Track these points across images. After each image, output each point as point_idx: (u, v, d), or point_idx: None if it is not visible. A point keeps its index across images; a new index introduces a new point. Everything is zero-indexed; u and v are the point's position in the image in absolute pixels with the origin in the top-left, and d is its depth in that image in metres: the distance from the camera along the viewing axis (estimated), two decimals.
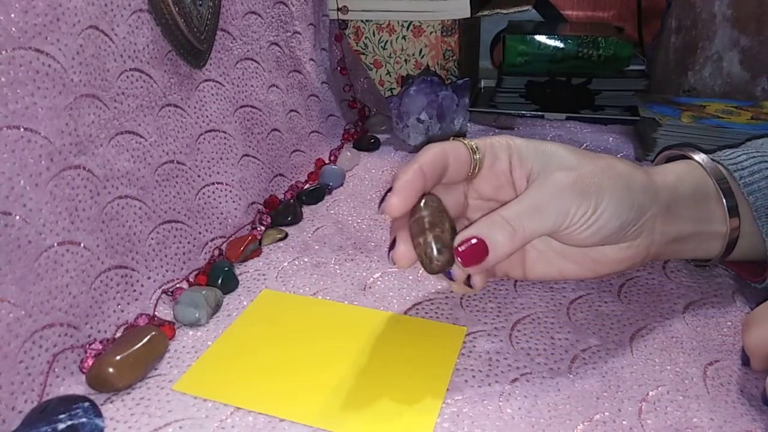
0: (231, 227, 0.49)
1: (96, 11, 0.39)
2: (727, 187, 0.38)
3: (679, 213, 0.37)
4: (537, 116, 0.76)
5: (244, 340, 0.38)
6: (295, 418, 0.32)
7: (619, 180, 0.34)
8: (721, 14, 0.70)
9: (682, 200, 0.37)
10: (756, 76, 0.70)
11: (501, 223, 0.33)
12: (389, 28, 0.75)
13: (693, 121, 0.61)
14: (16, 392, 0.31)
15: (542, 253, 0.37)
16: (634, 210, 0.34)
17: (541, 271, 0.38)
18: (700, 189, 0.38)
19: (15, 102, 0.33)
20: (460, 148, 0.35)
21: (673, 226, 0.37)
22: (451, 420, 0.32)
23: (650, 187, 0.36)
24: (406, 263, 0.33)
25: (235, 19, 0.54)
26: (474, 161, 0.35)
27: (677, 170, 0.39)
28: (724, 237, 0.38)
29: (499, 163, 0.36)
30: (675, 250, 0.38)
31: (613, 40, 0.77)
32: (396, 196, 0.33)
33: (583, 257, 0.36)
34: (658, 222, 0.36)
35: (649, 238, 0.36)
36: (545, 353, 0.37)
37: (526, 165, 0.35)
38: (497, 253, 0.32)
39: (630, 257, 0.36)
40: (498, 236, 0.32)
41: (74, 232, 0.36)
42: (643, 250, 0.36)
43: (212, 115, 0.50)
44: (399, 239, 0.33)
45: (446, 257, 0.32)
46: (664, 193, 0.36)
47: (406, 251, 0.33)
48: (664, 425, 0.31)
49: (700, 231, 0.38)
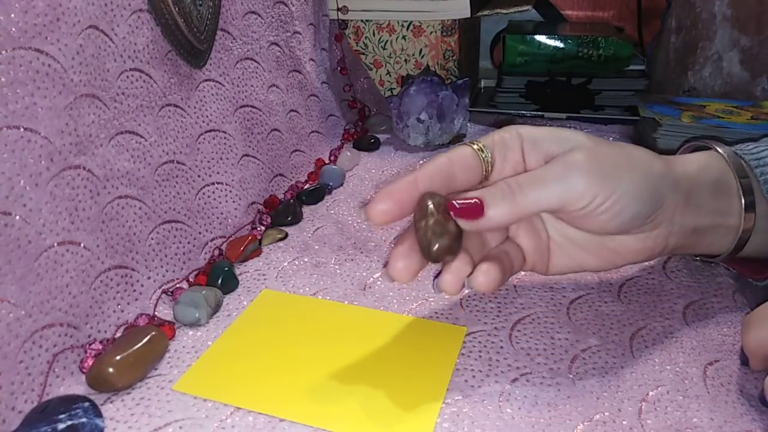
0: (231, 227, 0.49)
1: (96, 11, 0.39)
2: (747, 182, 0.37)
3: (699, 204, 0.36)
4: (537, 116, 0.76)
5: (244, 340, 0.38)
6: (295, 418, 0.32)
7: (638, 165, 0.34)
8: (721, 14, 0.70)
9: (702, 191, 0.36)
10: (756, 76, 0.70)
11: (503, 187, 0.32)
12: (389, 28, 0.75)
13: (693, 121, 0.61)
14: (16, 392, 0.31)
15: (561, 246, 0.37)
16: (653, 197, 0.34)
17: (562, 263, 0.37)
18: (721, 182, 0.37)
19: (15, 102, 0.33)
20: (466, 154, 0.34)
21: (693, 217, 0.36)
22: (451, 420, 0.32)
23: (669, 175, 0.35)
24: (405, 278, 0.32)
25: (235, 19, 0.54)
26: (484, 163, 0.34)
27: (699, 160, 0.38)
28: (738, 231, 0.37)
29: (511, 154, 0.35)
30: (694, 242, 0.37)
31: (613, 40, 0.77)
32: (380, 203, 0.32)
33: (601, 248, 0.36)
34: (678, 212, 0.35)
35: (667, 229, 0.35)
36: (545, 353, 0.37)
37: (541, 148, 0.34)
38: (493, 214, 0.32)
39: (649, 248, 0.36)
40: (498, 200, 0.32)
41: (74, 232, 0.36)
42: (662, 241, 0.36)
43: (212, 115, 0.50)
44: (394, 255, 0.32)
45: (446, 242, 0.31)
46: (684, 182, 0.36)
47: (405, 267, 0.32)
48: (664, 425, 0.31)
49: (719, 224, 0.37)
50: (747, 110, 0.64)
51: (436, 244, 0.31)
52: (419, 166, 0.33)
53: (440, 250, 0.31)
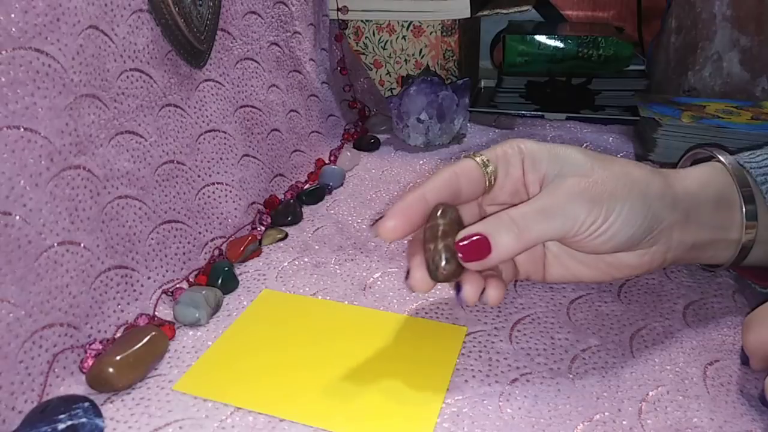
0: (231, 227, 0.49)
1: (96, 11, 0.39)
2: (749, 193, 0.37)
3: (699, 220, 0.36)
4: (537, 116, 0.76)
5: (244, 340, 0.38)
6: (295, 418, 0.32)
7: (634, 187, 0.34)
8: (721, 14, 0.70)
9: (704, 208, 0.36)
10: (756, 76, 0.70)
11: (507, 222, 0.32)
12: (389, 28, 0.75)
13: (693, 121, 0.61)
14: (16, 392, 0.31)
15: (558, 258, 0.37)
16: (649, 218, 0.34)
17: (557, 274, 0.38)
18: (724, 196, 0.37)
19: (15, 102, 0.33)
20: (471, 167, 0.34)
21: (692, 233, 0.36)
22: (451, 420, 0.32)
23: (668, 194, 0.35)
24: (424, 289, 0.33)
25: (235, 19, 0.54)
26: (487, 176, 0.35)
27: (700, 177, 0.37)
28: (738, 245, 0.37)
29: (513, 170, 0.35)
30: (694, 256, 0.38)
31: (613, 40, 0.77)
32: (391, 220, 0.32)
33: (598, 262, 0.36)
34: (676, 230, 0.35)
35: (665, 245, 0.35)
36: (545, 353, 0.37)
37: (540, 169, 0.35)
38: (500, 252, 0.32)
39: (646, 263, 0.36)
40: (503, 235, 0.32)
41: (74, 232, 0.36)
42: (660, 256, 0.36)
43: (212, 115, 0.50)
44: (412, 266, 0.33)
45: (453, 267, 0.32)
46: (684, 200, 0.35)
47: (423, 278, 0.33)
48: (664, 425, 0.31)
49: (720, 238, 0.37)
50: (747, 110, 0.64)
51: (444, 269, 0.32)
52: (426, 178, 0.34)
53: (447, 274, 0.32)
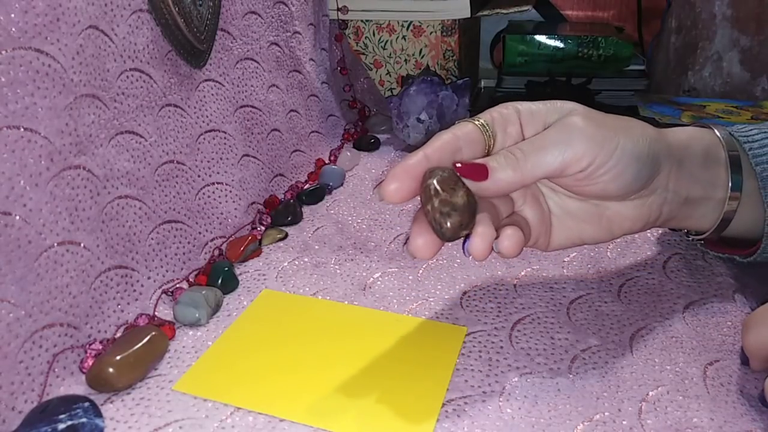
0: (231, 227, 0.49)
1: (96, 11, 0.39)
2: (735, 156, 0.38)
3: (691, 172, 0.37)
4: None
5: (244, 340, 0.38)
6: (295, 418, 0.32)
7: (634, 129, 0.35)
8: (721, 14, 0.70)
9: (694, 159, 0.38)
10: (756, 76, 0.70)
11: (505, 153, 0.33)
12: (389, 28, 0.75)
13: (693, 121, 0.61)
14: (16, 392, 0.31)
15: (560, 219, 0.38)
16: (650, 159, 0.35)
17: (562, 236, 0.38)
18: (711, 152, 0.39)
19: (15, 102, 0.33)
20: (471, 129, 0.35)
21: (685, 185, 0.37)
22: (451, 420, 0.32)
23: (662, 140, 0.36)
24: (426, 255, 0.32)
25: (235, 19, 0.54)
26: (487, 138, 0.35)
27: (689, 131, 0.39)
28: (724, 204, 0.38)
29: (511, 128, 0.36)
30: (686, 213, 0.39)
31: (613, 40, 0.77)
32: (394, 182, 0.32)
33: (598, 217, 0.37)
34: (672, 179, 0.37)
35: (662, 196, 0.37)
36: (545, 353, 0.37)
37: (539, 119, 0.36)
38: (497, 179, 0.33)
39: (644, 215, 0.37)
40: (502, 165, 0.33)
41: (74, 232, 0.36)
42: (657, 208, 0.37)
43: (212, 115, 0.50)
44: (412, 233, 0.32)
45: (456, 219, 0.31)
46: (676, 149, 0.37)
47: (425, 243, 0.32)
48: (664, 425, 0.31)
49: (710, 196, 0.38)
50: (747, 110, 0.64)
51: (447, 224, 0.31)
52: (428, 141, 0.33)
53: (453, 229, 0.31)
